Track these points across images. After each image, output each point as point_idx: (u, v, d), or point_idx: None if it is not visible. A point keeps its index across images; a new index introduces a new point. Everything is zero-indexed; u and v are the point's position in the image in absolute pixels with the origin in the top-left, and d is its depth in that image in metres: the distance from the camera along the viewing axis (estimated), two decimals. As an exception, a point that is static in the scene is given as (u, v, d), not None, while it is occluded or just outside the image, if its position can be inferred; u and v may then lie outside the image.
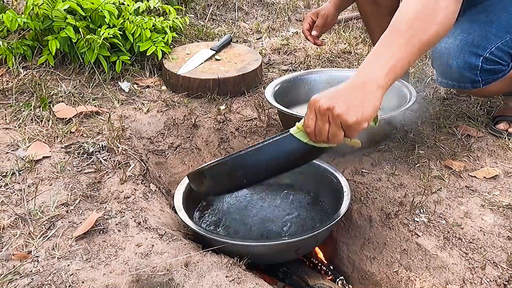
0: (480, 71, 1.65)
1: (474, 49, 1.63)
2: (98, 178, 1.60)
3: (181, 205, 1.49)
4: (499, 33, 1.64)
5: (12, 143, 1.73)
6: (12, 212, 1.43)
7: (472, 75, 1.66)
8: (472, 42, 1.63)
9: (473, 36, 1.63)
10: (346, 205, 1.47)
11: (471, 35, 1.64)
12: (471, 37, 1.64)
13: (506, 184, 1.61)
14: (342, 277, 1.55)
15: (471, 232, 1.43)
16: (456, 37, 1.65)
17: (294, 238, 1.37)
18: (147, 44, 2.24)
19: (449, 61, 1.67)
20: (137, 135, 1.91)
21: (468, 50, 1.63)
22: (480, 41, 1.63)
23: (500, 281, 1.29)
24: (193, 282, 1.24)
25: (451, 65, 1.67)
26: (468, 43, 1.63)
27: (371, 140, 1.79)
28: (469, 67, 1.64)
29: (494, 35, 1.64)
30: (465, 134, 1.87)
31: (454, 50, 1.65)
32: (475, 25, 1.66)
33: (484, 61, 1.64)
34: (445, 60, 1.68)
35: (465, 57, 1.64)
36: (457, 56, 1.65)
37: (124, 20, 2.24)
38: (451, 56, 1.66)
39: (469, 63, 1.64)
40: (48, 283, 1.22)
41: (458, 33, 1.66)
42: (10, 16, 2.14)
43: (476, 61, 1.64)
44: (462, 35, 1.64)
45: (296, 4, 3.31)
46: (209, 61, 2.30)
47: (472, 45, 1.63)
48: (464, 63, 1.64)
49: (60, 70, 2.25)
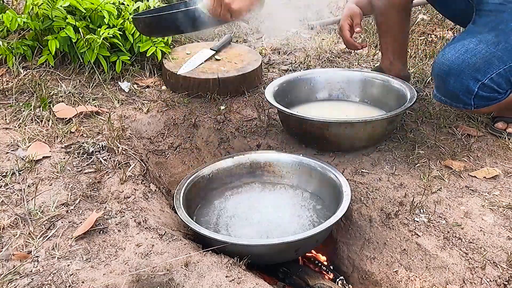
0: (475, 96, 1.64)
1: (474, 73, 1.61)
2: (98, 178, 1.60)
3: (181, 205, 1.49)
4: (504, 57, 1.60)
5: (12, 143, 1.73)
6: (12, 212, 1.43)
7: (466, 98, 1.65)
8: (474, 64, 1.60)
9: (477, 59, 1.60)
10: (346, 205, 1.47)
11: (475, 57, 1.61)
12: (474, 59, 1.60)
13: (506, 184, 1.61)
14: (342, 277, 1.55)
15: (471, 232, 1.43)
16: (459, 56, 1.62)
17: (294, 238, 1.37)
18: (147, 45, 2.24)
19: (447, 79, 1.66)
20: (137, 135, 1.91)
21: (468, 73, 1.61)
22: (482, 65, 1.60)
23: (500, 281, 1.29)
24: (193, 282, 1.24)
25: (448, 83, 1.66)
26: (470, 65, 1.60)
27: (371, 140, 1.79)
28: (465, 90, 1.63)
29: (499, 59, 1.60)
30: (465, 134, 1.87)
31: (454, 70, 1.63)
32: (481, 45, 1.61)
33: (481, 87, 1.62)
34: (443, 77, 1.67)
35: (463, 80, 1.62)
36: (456, 77, 1.63)
37: (124, 20, 2.24)
38: (450, 75, 1.64)
39: (466, 87, 1.63)
40: (48, 283, 1.22)
41: (462, 52, 1.62)
42: (10, 16, 2.14)
43: (473, 86, 1.62)
44: (466, 55, 1.61)
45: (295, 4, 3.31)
46: (209, 61, 2.30)
47: (473, 69, 1.60)
48: (461, 85, 1.63)
49: (60, 70, 2.25)
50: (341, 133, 1.75)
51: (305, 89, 2.08)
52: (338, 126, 1.74)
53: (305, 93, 2.08)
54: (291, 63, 2.55)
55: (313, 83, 2.09)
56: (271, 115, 2.04)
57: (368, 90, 2.06)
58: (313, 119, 1.73)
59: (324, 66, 2.50)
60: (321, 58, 2.57)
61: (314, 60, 2.55)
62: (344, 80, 2.09)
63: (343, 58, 2.60)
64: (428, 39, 2.82)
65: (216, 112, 2.06)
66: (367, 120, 1.72)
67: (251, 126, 1.99)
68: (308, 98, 2.08)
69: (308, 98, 2.08)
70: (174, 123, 1.99)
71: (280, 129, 1.96)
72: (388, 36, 2.10)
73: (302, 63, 2.52)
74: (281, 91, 1.97)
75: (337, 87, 2.10)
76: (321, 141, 1.79)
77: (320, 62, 2.54)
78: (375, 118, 1.74)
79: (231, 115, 2.05)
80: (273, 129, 1.97)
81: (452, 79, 1.64)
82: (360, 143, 1.78)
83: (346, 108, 2.05)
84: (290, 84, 2.04)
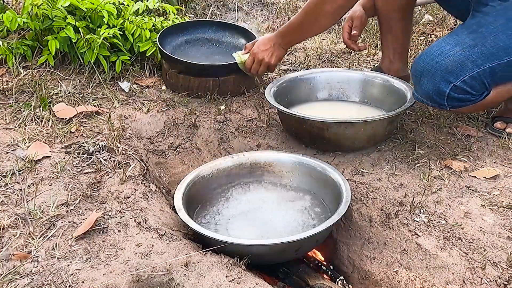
0: (447, 97, 1.64)
1: (446, 75, 1.61)
2: (98, 178, 1.60)
3: (181, 205, 1.49)
4: (478, 60, 1.60)
5: (12, 143, 1.73)
6: (12, 212, 1.43)
7: (438, 99, 1.66)
8: (446, 67, 1.61)
9: (450, 61, 1.61)
10: (346, 205, 1.47)
11: (448, 59, 1.61)
12: (448, 61, 1.61)
13: (506, 184, 1.61)
14: (342, 277, 1.55)
15: (471, 232, 1.43)
16: (433, 58, 1.64)
17: (294, 238, 1.37)
18: (146, 45, 2.24)
19: (421, 80, 1.67)
20: (137, 135, 1.91)
21: (440, 75, 1.62)
22: (455, 67, 1.60)
23: (500, 281, 1.29)
24: (193, 282, 1.24)
25: (422, 84, 1.67)
26: (443, 68, 1.61)
27: (371, 140, 1.79)
28: (437, 92, 1.64)
29: (472, 62, 1.60)
30: (465, 134, 1.87)
31: (428, 71, 1.64)
32: (457, 47, 1.62)
33: (453, 88, 1.62)
34: (418, 77, 1.69)
35: (435, 81, 1.63)
36: (429, 78, 1.64)
37: (124, 20, 2.24)
38: (424, 75, 1.66)
39: (437, 88, 1.63)
40: (48, 283, 1.22)
41: (436, 53, 1.64)
42: (10, 16, 2.14)
43: (445, 88, 1.63)
44: (440, 57, 1.62)
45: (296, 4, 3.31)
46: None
47: (445, 71, 1.61)
48: (433, 87, 1.64)
49: (60, 70, 2.25)
50: (341, 133, 1.75)
51: (305, 89, 2.08)
52: (338, 126, 1.74)
53: (305, 93, 2.08)
54: (291, 63, 2.55)
55: (313, 83, 2.09)
56: (271, 115, 2.04)
57: (368, 90, 2.06)
58: (313, 119, 1.73)
59: (324, 66, 2.50)
60: (321, 58, 2.57)
61: (314, 60, 2.55)
62: (344, 80, 2.09)
63: (343, 58, 2.60)
64: (428, 39, 2.82)
65: (216, 112, 2.06)
66: (367, 120, 1.72)
67: (251, 126, 1.99)
68: (308, 98, 2.08)
69: (308, 98, 2.08)
70: (174, 123, 1.99)
71: (280, 129, 1.96)
72: (389, 35, 2.11)
73: (302, 63, 2.52)
74: (281, 91, 1.97)
75: (337, 87, 2.10)
76: (321, 141, 1.79)
77: (320, 62, 2.54)
78: (375, 118, 1.74)
79: (231, 115, 2.05)
80: (273, 129, 1.97)
81: (425, 80, 1.66)
82: (360, 143, 1.78)
83: (346, 108, 2.05)
84: (290, 84, 2.04)
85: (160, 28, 2.33)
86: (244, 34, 2.38)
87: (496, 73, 1.62)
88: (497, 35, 1.60)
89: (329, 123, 1.73)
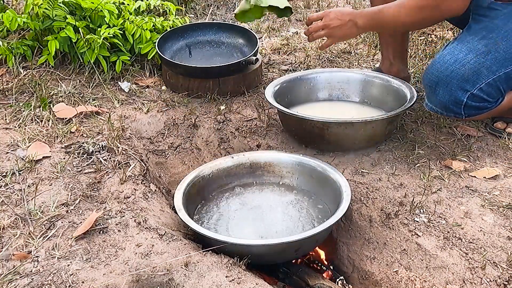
0: (464, 106, 1.64)
1: (462, 84, 1.61)
2: (98, 178, 1.60)
3: (181, 205, 1.49)
4: (493, 67, 1.60)
5: (12, 143, 1.73)
6: (12, 212, 1.43)
7: (455, 108, 1.65)
8: (462, 75, 1.60)
9: (465, 69, 1.60)
10: (346, 205, 1.47)
11: (464, 67, 1.60)
12: (463, 70, 1.60)
13: (506, 184, 1.61)
14: (342, 277, 1.55)
15: (471, 232, 1.43)
16: (448, 67, 1.62)
17: (294, 238, 1.37)
18: (147, 47, 2.24)
19: (436, 89, 1.66)
20: (137, 135, 1.91)
21: (457, 84, 1.61)
22: (471, 75, 1.60)
23: (500, 281, 1.29)
24: (193, 282, 1.24)
25: (437, 93, 1.66)
26: (458, 76, 1.60)
27: (371, 140, 1.79)
28: (454, 101, 1.63)
29: (488, 69, 1.60)
30: (465, 134, 1.87)
31: (443, 80, 1.63)
32: (470, 55, 1.61)
33: (470, 97, 1.62)
34: (432, 86, 1.67)
35: (451, 91, 1.62)
36: (445, 87, 1.63)
37: (124, 20, 2.24)
38: (439, 85, 1.64)
39: (454, 97, 1.63)
40: (48, 283, 1.22)
41: (451, 62, 1.62)
42: (10, 16, 2.14)
43: (462, 97, 1.62)
44: (455, 65, 1.61)
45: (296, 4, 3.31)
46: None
47: (462, 79, 1.60)
48: (449, 96, 1.63)
49: (60, 70, 2.25)
50: (341, 133, 1.75)
51: (305, 89, 2.08)
52: (338, 126, 1.74)
53: (305, 93, 2.08)
54: (291, 63, 2.54)
55: (313, 83, 2.09)
56: (271, 115, 2.04)
57: (368, 90, 2.06)
58: (313, 119, 1.73)
59: (324, 66, 2.50)
60: (321, 58, 2.57)
61: (314, 60, 2.55)
62: (344, 80, 2.09)
63: (343, 58, 2.60)
64: (428, 39, 2.82)
65: (216, 112, 2.06)
66: (367, 120, 1.72)
67: (251, 126, 1.99)
68: (308, 98, 2.08)
69: (308, 98, 2.08)
70: (174, 123, 1.99)
71: (280, 129, 1.96)
72: (389, 37, 2.10)
73: (302, 63, 2.52)
74: (281, 91, 1.97)
75: (337, 87, 2.10)
76: (321, 141, 1.79)
77: (320, 62, 2.54)
78: (375, 118, 1.74)
79: (231, 115, 2.05)
80: (273, 129, 1.97)
81: (441, 89, 1.64)
82: (360, 143, 1.78)
83: (347, 108, 2.05)
84: (290, 84, 2.04)
85: (160, 28, 2.33)
86: (244, 34, 2.38)
87: (511, 78, 1.62)
88: (509, 39, 1.60)
89: (329, 123, 1.73)
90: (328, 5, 3.28)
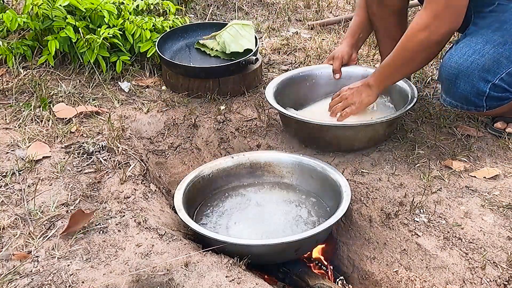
0: (487, 97, 1.62)
1: (484, 74, 1.59)
2: (98, 178, 1.60)
3: (181, 205, 1.49)
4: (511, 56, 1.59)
5: (12, 143, 1.73)
6: (12, 212, 1.44)
7: (477, 100, 1.63)
8: (483, 66, 1.58)
9: (485, 59, 1.58)
10: (346, 205, 1.47)
11: (483, 58, 1.58)
12: (483, 60, 1.58)
13: (506, 184, 1.61)
14: (342, 277, 1.55)
15: (471, 232, 1.43)
16: (467, 58, 1.60)
17: (294, 238, 1.37)
18: (147, 45, 2.24)
19: (457, 82, 1.63)
20: (137, 135, 1.91)
21: (478, 75, 1.59)
22: (491, 65, 1.58)
23: (500, 281, 1.29)
24: (193, 282, 1.24)
25: (458, 86, 1.63)
26: (479, 67, 1.58)
27: (371, 141, 1.79)
28: (476, 92, 1.61)
29: (507, 58, 1.59)
30: (465, 134, 1.87)
31: (463, 72, 1.60)
32: (488, 46, 1.60)
33: (492, 87, 1.61)
34: (452, 79, 1.64)
35: (473, 81, 1.59)
36: (466, 79, 1.60)
37: (124, 20, 2.24)
38: (459, 77, 1.61)
39: (476, 88, 1.60)
40: (48, 283, 1.22)
41: (470, 53, 1.60)
42: (10, 15, 2.14)
43: (484, 87, 1.60)
44: (474, 56, 1.59)
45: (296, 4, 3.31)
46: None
47: (483, 70, 1.58)
48: (471, 88, 1.60)
49: (60, 70, 2.25)
50: (341, 135, 1.76)
51: (307, 85, 2.07)
52: (338, 130, 1.75)
53: (307, 89, 2.06)
54: (291, 63, 2.54)
55: (315, 79, 2.08)
56: (271, 115, 2.04)
57: None
58: (313, 123, 1.73)
59: (324, 66, 2.49)
60: (321, 58, 2.57)
61: (314, 60, 2.55)
62: (345, 76, 2.07)
63: (343, 58, 2.60)
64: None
65: (216, 112, 2.06)
66: (368, 123, 1.72)
67: (251, 126, 1.99)
68: (309, 95, 2.07)
69: (309, 95, 2.07)
70: (174, 123, 1.99)
71: (280, 129, 1.96)
72: (387, 40, 2.10)
73: (302, 63, 2.51)
74: (282, 89, 1.97)
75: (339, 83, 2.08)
76: (321, 142, 1.79)
77: (320, 62, 2.53)
78: (375, 121, 1.73)
79: (231, 115, 2.05)
80: (273, 129, 1.97)
81: (462, 81, 1.62)
82: (360, 144, 1.78)
83: None
84: (291, 81, 2.03)
85: (160, 28, 2.33)
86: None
87: None
88: None
89: (329, 127, 1.74)
90: (328, 5, 3.28)
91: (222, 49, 2.21)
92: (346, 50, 2.07)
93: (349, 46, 2.08)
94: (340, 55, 2.06)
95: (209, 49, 2.28)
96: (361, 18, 2.07)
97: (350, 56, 2.08)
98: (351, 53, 2.08)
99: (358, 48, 2.13)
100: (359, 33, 2.09)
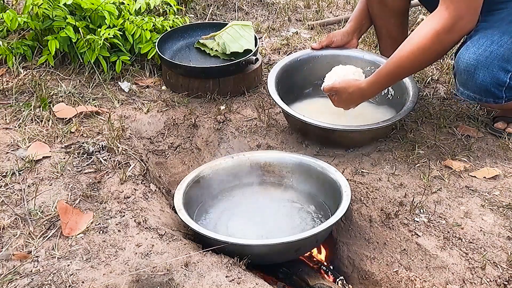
0: (506, 87, 1.60)
1: (504, 64, 1.57)
2: (98, 178, 1.60)
3: (181, 205, 1.49)
4: None
5: (12, 143, 1.73)
6: (12, 212, 1.44)
7: (497, 91, 1.61)
8: (503, 55, 1.56)
9: (504, 49, 1.56)
10: (346, 205, 1.47)
11: (502, 48, 1.57)
12: (502, 50, 1.56)
13: (506, 184, 1.61)
14: (342, 277, 1.55)
15: (471, 232, 1.43)
16: (486, 48, 1.58)
17: (294, 238, 1.37)
18: (147, 47, 2.23)
19: (475, 73, 1.60)
20: (137, 135, 1.91)
21: (498, 64, 1.57)
22: (510, 55, 1.56)
23: (500, 281, 1.29)
24: (193, 282, 1.25)
25: (477, 77, 1.60)
26: (499, 57, 1.56)
27: (371, 140, 1.80)
28: (496, 82, 1.59)
29: None
30: (465, 134, 1.87)
31: (482, 62, 1.57)
32: (506, 36, 1.58)
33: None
34: (471, 71, 1.61)
35: (493, 72, 1.57)
36: (485, 69, 1.58)
37: (124, 20, 2.24)
38: (478, 68, 1.59)
39: (496, 78, 1.58)
40: (48, 283, 1.22)
41: (488, 44, 1.58)
42: (10, 15, 2.14)
43: (504, 77, 1.58)
44: (493, 46, 1.57)
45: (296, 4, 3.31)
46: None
47: (502, 59, 1.56)
48: (491, 78, 1.58)
49: (60, 70, 2.25)
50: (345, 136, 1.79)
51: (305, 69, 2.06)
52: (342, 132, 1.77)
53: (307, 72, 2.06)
54: (291, 63, 2.54)
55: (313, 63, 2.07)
56: (271, 115, 2.04)
57: None
58: (317, 125, 1.73)
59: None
60: (321, 58, 2.57)
61: (314, 60, 2.55)
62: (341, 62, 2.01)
63: (343, 58, 2.60)
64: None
65: (216, 112, 2.06)
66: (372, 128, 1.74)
67: (251, 126, 1.99)
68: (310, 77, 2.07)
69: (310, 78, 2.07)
70: (174, 123, 1.99)
71: (280, 129, 1.96)
72: (388, 40, 2.10)
73: (302, 63, 2.52)
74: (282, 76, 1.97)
75: None
76: (323, 141, 1.82)
77: (320, 62, 2.54)
78: (379, 125, 1.73)
79: (231, 115, 2.05)
80: (273, 129, 1.97)
81: (481, 72, 1.59)
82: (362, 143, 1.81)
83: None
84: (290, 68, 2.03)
85: (160, 28, 2.33)
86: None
87: None
88: None
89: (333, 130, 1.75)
90: (328, 5, 3.28)
91: (223, 50, 2.21)
92: (344, 32, 2.07)
93: (350, 29, 2.07)
94: (332, 35, 2.05)
95: (209, 49, 2.28)
96: (365, 6, 2.07)
97: (349, 39, 2.07)
98: (351, 37, 2.07)
99: (361, 34, 2.12)
100: (362, 20, 2.08)
